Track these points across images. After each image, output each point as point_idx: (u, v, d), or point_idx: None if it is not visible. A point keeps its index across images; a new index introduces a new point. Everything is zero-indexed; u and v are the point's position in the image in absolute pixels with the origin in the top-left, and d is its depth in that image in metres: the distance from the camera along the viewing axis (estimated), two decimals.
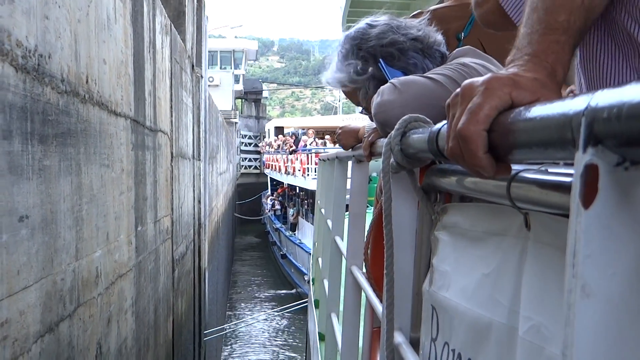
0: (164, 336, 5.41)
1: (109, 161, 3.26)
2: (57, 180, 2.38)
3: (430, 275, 1.21)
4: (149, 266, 4.58)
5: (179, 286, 6.63)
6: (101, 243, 3.05)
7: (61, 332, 2.42)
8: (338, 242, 3.46)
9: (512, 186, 0.81)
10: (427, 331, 1.20)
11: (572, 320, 0.57)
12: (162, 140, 5.35)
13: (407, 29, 2.06)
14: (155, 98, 4.98)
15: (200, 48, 9.73)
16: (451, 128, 0.88)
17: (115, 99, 3.39)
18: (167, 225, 5.63)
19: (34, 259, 2.12)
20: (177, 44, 6.66)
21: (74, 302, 2.58)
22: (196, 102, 9.02)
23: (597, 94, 0.56)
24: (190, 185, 8.05)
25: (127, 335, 3.73)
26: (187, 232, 7.60)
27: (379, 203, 2.21)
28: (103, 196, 3.11)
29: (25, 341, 2.05)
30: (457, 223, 1.13)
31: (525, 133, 0.72)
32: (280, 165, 29.80)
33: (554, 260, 0.76)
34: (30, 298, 2.08)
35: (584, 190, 0.56)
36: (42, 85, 2.21)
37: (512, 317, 0.86)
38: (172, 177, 6.00)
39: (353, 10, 13.86)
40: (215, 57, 39.96)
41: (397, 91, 1.80)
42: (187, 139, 7.66)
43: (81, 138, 2.72)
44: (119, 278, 3.45)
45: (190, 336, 7.96)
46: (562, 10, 0.94)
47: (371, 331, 2.49)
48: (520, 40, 0.94)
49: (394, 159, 1.28)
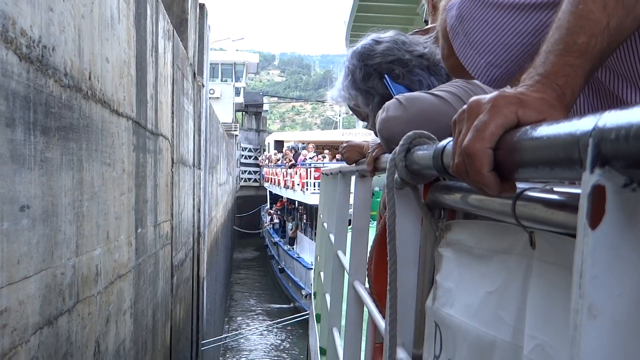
0: (161, 341, 5.38)
1: (111, 160, 3.25)
2: (59, 173, 2.37)
3: (433, 292, 1.20)
4: (149, 269, 4.56)
5: (178, 293, 6.61)
6: (101, 241, 3.04)
7: (60, 327, 2.41)
8: (340, 256, 3.46)
9: (518, 204, 0.81)
10: (430, 348, 1.20)
11: (578, 341, 0.56)
12: (163, 144, 5.35)
13: (413, 46, 2.07)
14: (157, 102, 4.99)
15: (202, 57, 9.76)
16: (457, 145, 0.88)
17: (117, 99, 3.40)
18: (166, 231, 5.62)
19: (34, 250, 2.11)
20: (180, 51, 6.68)
21: (73, 297, 2.56)
22: (197, 110, 9.03)
23: (605, 115, 0.56)
24: (190, 193, 8.05)
25: (126, 337, 3.71)
26: (187, 240, 7.59)
27: (382, 218, 2.20)
28: (104, 194, 3.10)
29: (24, 332, 2.03)
30: (461, 240, 1.12)
31: (531, 152, 0.72)
32: (280, 179, 29.79)
33: (559, 279, 0.76)
34: (30, 289, 2.07)
35: (591, 210, 0.56)
36: (45, 77, 2.21)
37: (517, 336, 0.86)
38: (172, 183, 5.99)
39: (357, 25, 13.91)
40: (216, 70, 40.04)
41: (402, 107, 1.80)
42: (188, 146, 7.66)
43: (83, 134, 2.72)
44: (118, 278, 3.44)
45: (188, 344, 7.93)
46: (582, 32, 0.92)
47: (373, 347, 2.49)
48: (538, 57, 0.93)
49: (398, 175, 1.28)
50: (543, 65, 0.90)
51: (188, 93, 7.68)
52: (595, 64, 0.93)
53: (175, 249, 6.26)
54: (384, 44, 2.07)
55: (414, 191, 1.30)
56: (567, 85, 0.88)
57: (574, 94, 0.89)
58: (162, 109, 5.27)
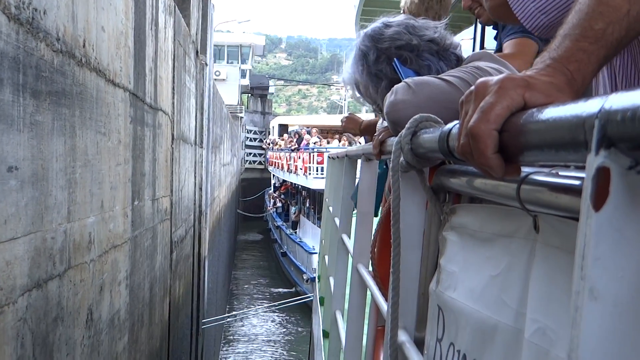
0: (159, 316, 5.40)
1: (106, 130, 3.25)
2: (50, 137, 2.37)
3: (437, 276, 1.21)
4: (146, 243, 4.57)
5: (177, 269, 6.63)
6: (95, 210, 3.05)
7: (50, 291, 2.42)
8: (345, 240, 3.48)
9: (522, 188, 0.81)
10: (432, 331, 1.20)
11: (578, 322, 0.56)
12: (162, 120, 5.34)
13: (423, 30, 2.05)
14: (157, 76, 4.98)
15: (206, 36, 9.73)
16: (462, 126, 0.88)
17: (113, 69, 3.39)
18: (165, 206, 5.63)
19: (22, 212, 2.11)
20: (181, 27, 6.66)
21: (64, 263, 2.57)
22: (200, 88, 9.02)
23: (612, 97, 0.56)
24: (192, 170, 8.05)
25: (121, 308, 3.72)
26: (187, 217, 7.60)
27: (387, 202, 2.20)
28: (98, 163, 3.10)
29: (12, 292, 2.04)
30: (465, 224, 1.13)
31: (536, 134, 0.72)
32: (283, 163, 29.82)
33: (562, 263, 0.76)
34: (17, 250, 2.07)
35: (595, 192, 0.56)
36: (36, 40, 2.20)
37: (519, 320, 0.86)
38: (172, 159, 6.00)
39: (367, 9, 13.78)
40: (222, 52, 39.97)
41: (410, 91, 1.80)
42: (190, 124, 7.66)
43: (77, 101, 2.71)
44: (113, 248, 3.45)
45: (188, 321, 7.97)
46: (600, 18, 0.91)
47: (375, 329, 2.50)
48: (555, 40, 0.93)
49: (403, 158, 1.28)
50: (557, 49, 0.90)
51: (190, 70, 7.67)
52: (611, 51, 0.92)
53: (174, 225, 6.28)
54: (393, 28, 2.05)
55: (419, 174, 1.30)
56: (579, 71, 0.88)
57: (585, 80, 0.89)
58: (162, 84, 5.26)
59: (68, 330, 2.66)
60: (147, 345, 4.75)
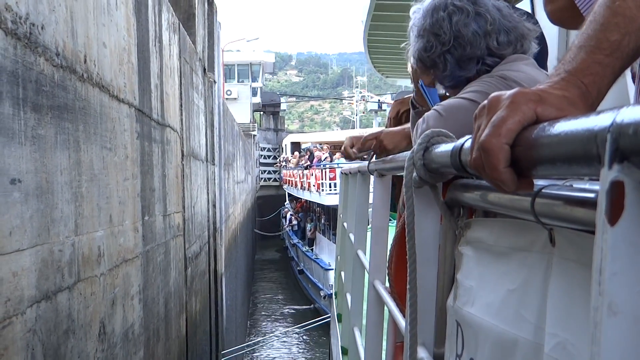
0: (176, 331, 5.42)
1: (112, 145, 3.28)
2: (53, 151, 2.40)
3: (454, 291, 1.21)
4: (158, 258, 4.59)
5: (193, 285, 6.65)
6: (104, 224, 3.07)
7: (60, 303, 2.43)
8: (361, 256, 3.47)
9: (537, 202, 0.81)
10: (452, 347, 1.20)
11: (598, 338, 0.56)
12: (171, 136, 5.38)
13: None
14: (163, 93, 5.02)
15: (213, 53, 9.80)
16: (475, 140, 0.88)
17: (117, 85, 3.43)
18: (178, 222, 5.66)
19: (27, 224, 2.13)
20: (187, 45, 6.72)
21: (73, 275, 2.59)
22: (209, 106, 9.07)
23: (623, 110, 0.55)
24: (204, 187, 8.09)
25: (135, 322, 3.74)
26: (201, 234, 7.63)
27: (402, 217, 2.20)
28: (105, 178, 3.13)
29: (20, 303, 2.06)
30: (481, 238, 1.12)
31: (548, 148, 0.71)
32: (297, 181, 29.84)
33: (580, 277, 0.75)
34: (24, 262, 2.10)
35: (610, 207, 0.56)
36: (34, 54, 2.23)
37: (538, 334, 0.85)
38: (183, 175, 6.03)
39: (374, 24, 13.82)
40: (232, 71, 40.21)
41: (442, 119, 1.83)
42: (200, 141, 7.70)
43: (80, 116, 2.74)
44: (124, 262, 3.47)
45: (207, 337, 7.97)
46: (616, 29, 0.90)
47: (394, 346, 2.49)
48: (569, 52, 0.92)
49: (416, 173, 1.27)
50: (572, 62, 0.89)
51: (198, 88, 7.72)
52: (626, 62, 0.91)
53: (188, 241, 6.30)
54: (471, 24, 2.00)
55: (432, 190, 1.29)
56: (594, 84, 0.87)
57: (600, 93, 0.88)
58: (168, 101, 5.30)
59: (80, 342, 2.68)
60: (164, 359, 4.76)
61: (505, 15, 1.97)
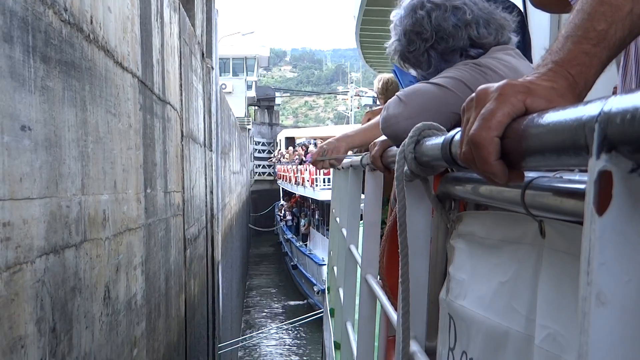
0: (176, 310, 5.40)
1: (116, 111, 3.26)
2: (61, 106, 2.38)
3: (447, 284, 1.20)
4: (159, 233, 4.58)
5: (192, 267, 6.63)
6: (108, 188, 3.05)
7: (67, 259, 2.42)
8: (353, 250, 3.46)
9: (527, 194, 0.81)
10: (444, 340, 1.20)
11: (586, 328, 0.56)
12: (171, 114, 5.36)
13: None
14: (164, 70, 5.00)
15: (211, 39, 9.79)
16: (464, 133, 0.87)
17: (121, 52, 3.40)
18: (178, 201, 5.64)
19: (37, 174, 2.11)
20: (187, 26, 6.69)
21: (80, 234, 2.57)
22: (207, 91, 9.05)
23: (611, 99, 0.55)
24: (202, 171, 8.07)
25: (137, 292, 3.72)
26: (200, 217, 7.61)
27: (393, 211, 2.21)
28: (110, 143, 3.11)
29: (29, 251, 2.04)
30: (472, 231, 1.12)
31: (537, 139, 0.71)
32: (291, 176, 29.75)
33: (570, 268, 0.75)
34: (33, 211, 2.08)
35: (598, 196, 0.56)
36: (43, 5, 2.21)
37: (529, 326, 0.85)
38: (182, 156, 6.01)
39: (367, 18, 13.81)
40: (227, 65, 40.15)
41: (402, 104, 1.84)
42: (198, 124, 7.68)
43: (86, 76, 2.72)
44: (127, 231, 3.45)
45: (204, 322, 7.96)
46: (603, 18, 0.89)
47: (386, 340, 2.48)
48: (556, 42, 0.91)
49: (407, 167, 1.27)
50: (559, 52, 0.89)
51: (197, 71, 7.70)
52: (613, 52, 0.90)
53: (187, 223, 6.28)
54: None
55: (423, 183, 1.29)
56: (581, 75, 0.86)
57: (587, 83, 0.87)
58: (169, 79, 5.28)
59: (86, 302, 2.66)
60: (164, 336, 4.74)
61: (482, 8, 2.00)
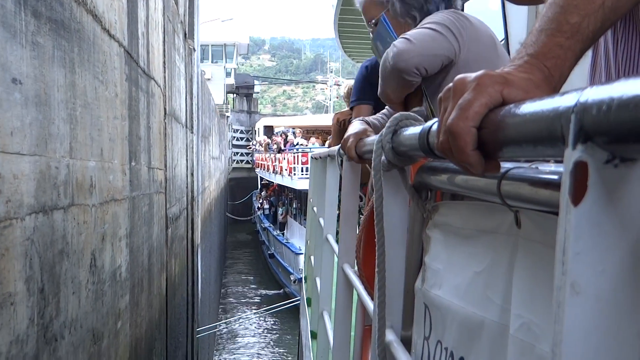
0: (157, 288, 5.36)
1: (103, 78, 3.21)
2: (51, 64, 2.33)
3: (422, 274, 1.20)
4: (143, 208, 4.53)
5: (173, 247, 6.59)
6: (95, 155, 3.00)
7: (55, 221, 2.37)
8: (330, 240, 3.45)
9: (503, 184, 0.80)
10: (419, 330, 1.19)
11: (561, 317, 0.56)
12: (155, 90, 5.30)
13: None
14: (149, 44, 4.94)
15: (193, 20, 9.71)
16: (442, 123, 0.87)
17: (108, 19, 3.35)
18: (160, 179, 5.59)
19: (27, 130, 2.07)
20: (170, 3, 6.62)
21: (68, 197, 2.53)
22: (189, 73, 8.98)
23: (587, 90, 0.55)
24: (184, 152, 8.01)
25: (122, 264, 3.68)
26: (181, 197, 7.56)
27: (370, 201, 2.20)
28: (97, 110, 3.06)
29: (19, 207, 2.00)
30: (448, 221, 1.12)
31: (514, 130, 0.71)
32: (269, 165, 29.62)
33: (545, 258, 0.75)
34: (23, 167, 2.03)
35: (573, 187, 0.56)
36: None
37: (504, 315, 0.86)
38: (165, 134, 5.96)
39: (345, 8, 13.75)
40: (207, 52, 39.84)
41: (411, 43, 2.03)
42: (180, 104, 7.61)
43: (75, 38, 2.67)
44: (113, 201, 3.40)
45: (184, 303, 7.92)
46: (576, 11, 0.90)
47: (363, 329, 2.47)
48: (530, 36, 0.92)
49: (385, 156, 1.26)
50: (533, 45, 0.89)
51: (179, 50, 7.62)
52: (586, 44, 0.91)
53: (169, 202, 6.23)
54: None
55: (401, 173, 1.28)
56: (556, 67, 0.87)
57: (562, 76, 0.88)
58: (153, 54, 5.21)
59: (73, 268, 2.62)
60: (147, 312, 4.70)
61: None
